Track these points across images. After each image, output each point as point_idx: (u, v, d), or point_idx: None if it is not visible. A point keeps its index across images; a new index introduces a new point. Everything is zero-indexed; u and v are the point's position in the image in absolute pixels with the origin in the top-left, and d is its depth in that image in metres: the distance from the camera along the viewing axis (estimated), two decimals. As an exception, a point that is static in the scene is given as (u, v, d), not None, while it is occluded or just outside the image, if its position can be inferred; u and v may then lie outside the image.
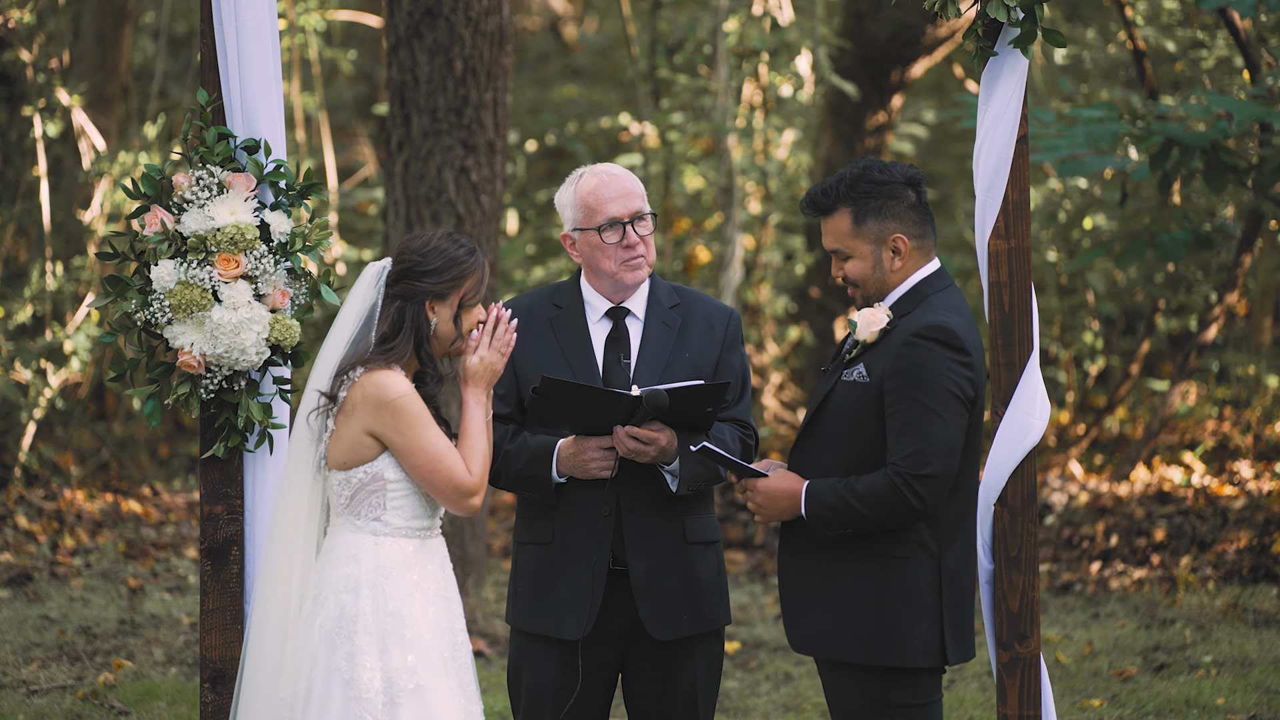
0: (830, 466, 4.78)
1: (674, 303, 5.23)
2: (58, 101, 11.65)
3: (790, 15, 12.55)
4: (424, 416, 4.51)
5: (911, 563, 4.74)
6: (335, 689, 4.44)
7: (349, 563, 4.51)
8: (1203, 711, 7.33)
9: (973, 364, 4.73)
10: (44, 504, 11.20)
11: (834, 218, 4.85)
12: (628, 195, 5.14)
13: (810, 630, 4.82)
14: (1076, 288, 13.44)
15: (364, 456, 4.51)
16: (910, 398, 4.66)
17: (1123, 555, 10.15)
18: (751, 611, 9.66)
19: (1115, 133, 9.09)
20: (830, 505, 4.70)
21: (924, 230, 4.86)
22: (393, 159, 9.09)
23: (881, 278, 4.85)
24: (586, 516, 5.07)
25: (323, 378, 4.58)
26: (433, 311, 4.60)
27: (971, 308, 4.93)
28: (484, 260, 4.66)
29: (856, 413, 4.75)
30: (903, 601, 4.73)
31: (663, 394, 4.92)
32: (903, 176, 4.85)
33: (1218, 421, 12.72)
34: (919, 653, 4.75)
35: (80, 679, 7.93)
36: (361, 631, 4.46)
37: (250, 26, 4.93)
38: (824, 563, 4.80)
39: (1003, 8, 4.86)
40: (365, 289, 4.61)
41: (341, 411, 4.52)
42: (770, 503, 4.82)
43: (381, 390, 4.49)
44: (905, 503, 4.64)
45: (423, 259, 4.59)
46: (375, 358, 4.53)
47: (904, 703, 4.78)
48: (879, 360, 4.74)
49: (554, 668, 5.10)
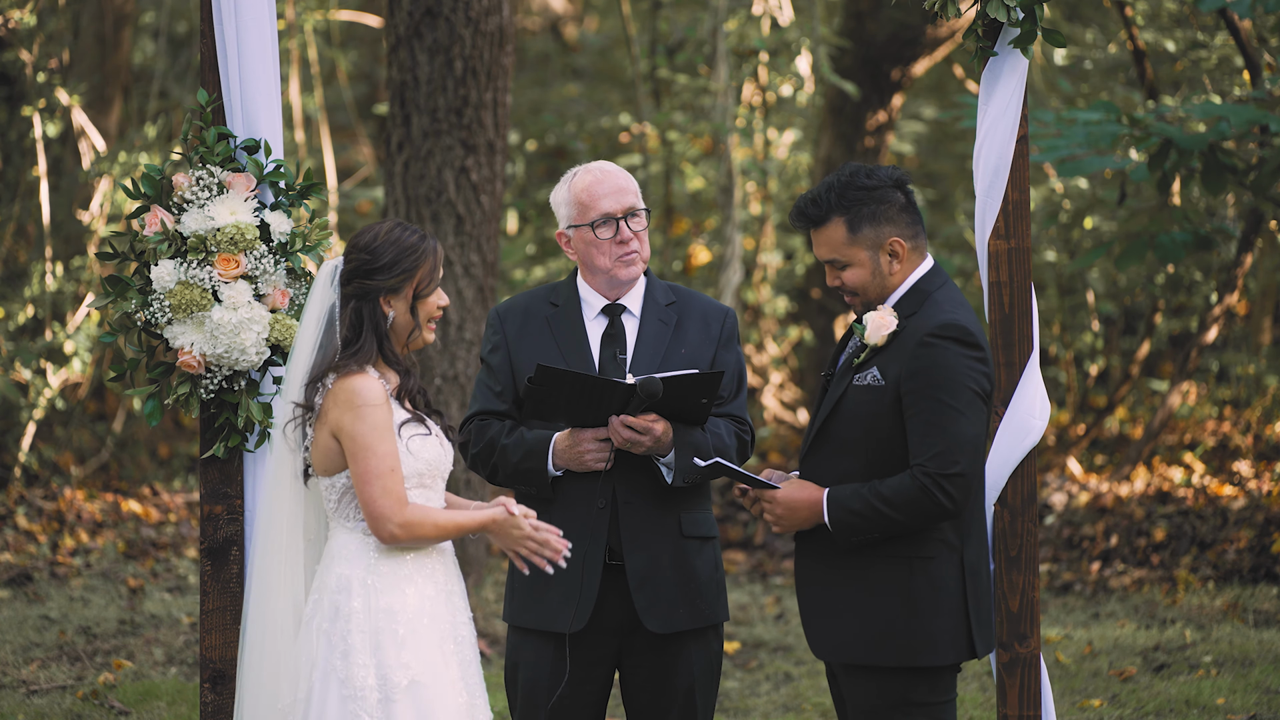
0: (846, 472, 4.76)
1: (670, 300, 5.24)
2: (58, 102, 11.65)
3: (790, 15, 12.55)
4: (381, 429, 4.46)
5: (937, 561, 4.72)
6: (332, 689, 4.45)
7: (342, 563, 4.52)
8: (1203, 711, 7.33)
9: (986, 359, 4.72)
10: (44, 504, 11.20)
11: (827, 228, 4.82)
12: (621, 191, 5.16)
13: (839, 636, 4.79)
14: (1076, 288, 13.44)
15: (339, 463, 4.51)
16: (931, 398, 4.64)
17: (1123, 555, 10.15)
18: (751, 611, 9.66)
19: (1114, 133, 9.09)
20: (856, 511, 4.68)
21: (916, 230, 4.85)
22: (393, 159, 9.10)
23: (881, 283, 4.83)
24: (582, 509, 5.08)
25: (295, 388, 4.55)
26: (388, 305, 4.56)
27: (972, 307, 4.92)
28: (435, 245, 4.61)
29: (872, 416, 4.73)
30: (932, 600, 4.71)
31: (657, 382, 4.92)
32: (890, 179, 4.83)
33: (1218, 421, 12.72)
34: (949, 649, 4.73)
35: (80, 679, 7.93)
36: (355, 630, 4.46)
37: (250, 26, 4.94)
38: (848, 569, 4.77)
39: (1003, 8, 4.87)
40: (321, 290, 4.57)
41: (319, 419, 4.51)
42: (790, 513, 4.79)
43: (351, 395, 4.47)
44: (936, 502, 4.62)
45: (372, 256, 4.53)
46: (345, 362, 4.51)
47: (925, 701, 4.77)
48: (893, 362, 4.72)
49: (549, 663, 5.10)
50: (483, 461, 5.15)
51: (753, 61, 12.71)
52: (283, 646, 4.52)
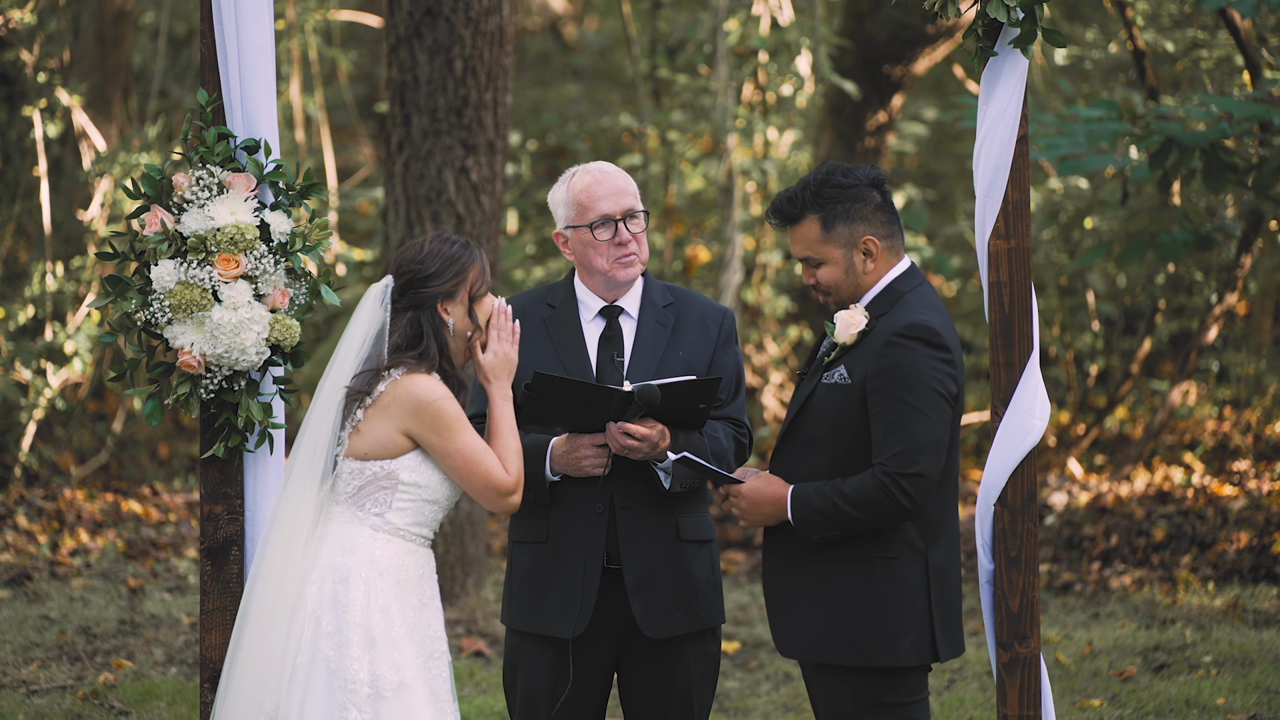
0: (813, 469, 4.78)
1: (668, 301, 5.24)
2: (58, 102, 11.65)
3: (790, 15, 12.55)
4: (461, 419, 4.55)
5: (900, 562, 4.75)
6: (319, 674, 4.46)
7: (344, 552, 4.53)
8: (1203, 711, 7.33)
9: (953, 360, 4.74)
10: (44, 504, 11.20)
11: (801, 226, 4.86)
12: (620, 193, 5.16)
13: (801, 635, 4.82)
14: (1076, 288, 13.44)
15: (389, 453, 4.54)
16: (894, 397, 4.67)
17: (1123, 555, 10.15)
18: (751, 611, 9.66)
19: (1115, 132, 9.09)
20: (818, 509, 4.70)
21: (892, 230, 4.87)
22: (393, 159, 9.10)
23: (855, 281, 4.86)
24: (580, 514, 5.08)
25: (338, 387, 4.59)
26: (446, 312, 4.63)
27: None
28: (479, 251, 4.70)
29: (839, 415, 4.76)
30: (893, 601, 4.73)
31: (655, 389, 4.92)
32: (866, 178, 4.86)
33: (1218, 421, 12.72)
34: (911, 651, 4.76)
35: (80, 679, 7.93)
36: (352, 623, 4.47)
37: (250, 26, 4.94)
38: (812, 566, 4.80)
39: (1003, 8, 4.86)
40: (369, 311, 4.64)
41: (375, 405, 4.55)
42: (755, 508, 4.82)
43: (421, 392, 4.53)
44: (894, 502, 4.64)
45: (421, 265, 4.63)
46: (410, 360, 4.56)
47: (894, 701, 4.79)
48: (860, 361, 4.75)
49: (549, 667, 5.10)
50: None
51: (753, 61, 12.71)
52: (278, 627, 4.53)
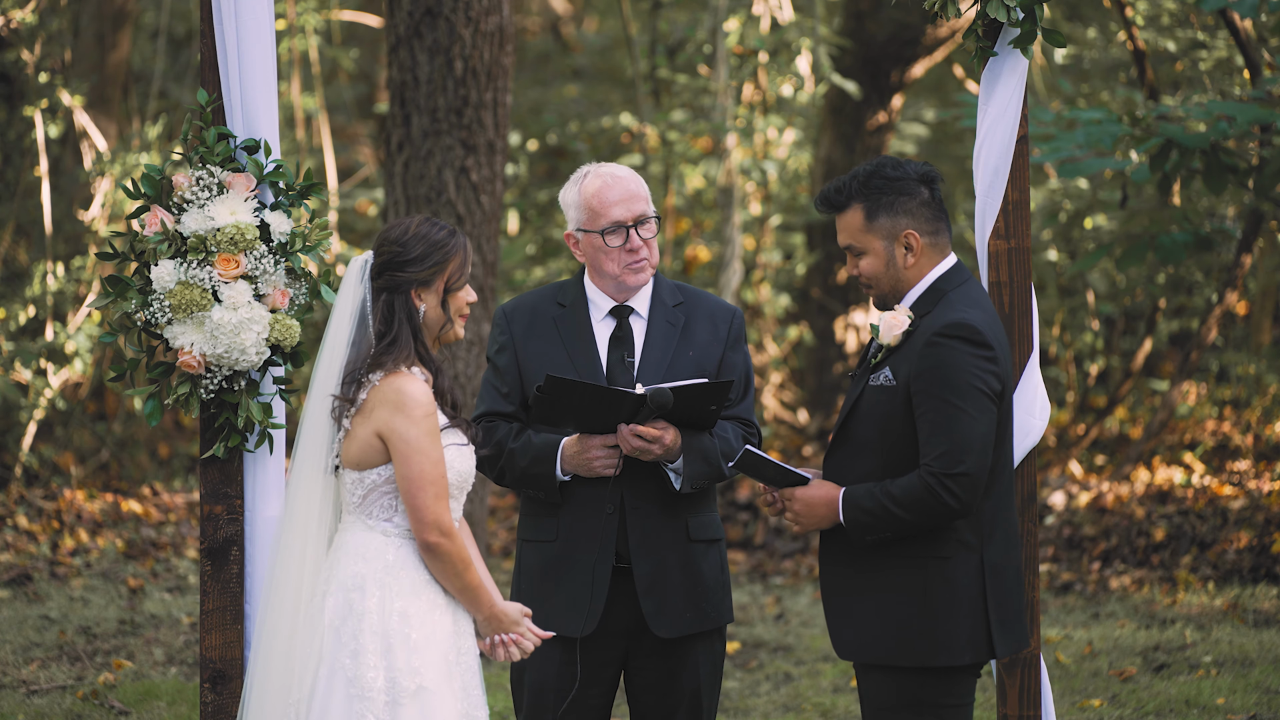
0: (864, 472, 4.77)
1: (677, 301, 5.23)
2: (59, 102, 11.65)
3: (790, 15, 12.55)
4: (433, 434, 4.46)
5: (954, 561, 4.71)
6: (338, 686, 4.43)
7: (358, 560, 4.50)
8: (1203, 711, 7.33)
9: (996, 358, 4.69)
10: (44, 504, 11.20)
11: (847, 214, 4.84)
12: (632, 198, 5.14)
13: (858, 637, 4.79)
14: (1076, 288, 13.44)
15: (375, 460, 4.50)
16: (937, 397, 4.64)
17: (1123, 555, 10.15)
18: (752, 611, 9.66)
19: (1115, 134, 9.09)
20: (868, 510, 4.69)
21: (937, 227, 4.83)
22: (393, 159, 9.10)
23: (895, 275, 4.82)
24: (590, 514, 5.08)
25: (330, 381, 4.55)
26: (419, 299, 4.55)
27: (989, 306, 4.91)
28: (465, 241, 4.60)
29: (886, 416, 4.74)
30: (947, 600, 4.70)
31: (667, 393, 4.92)
32: (916, 173, 4.83)
33: (1218, 421, 12.72)
34: (965, 649, 4.72)
35: (80, 679, 7.93)
36: (367, 630, 4.44)
37: (250, 26, 4.94)
38: (867, 569, 4.77)
39: (1003, 8, 4.87)
40: (352, 285, 4.57)
41: (360, 412, 4.50)
42: (809, 511, 4.80)
43: (402, 397, 4.46)
44: (941, 503, 4.62)
45: (402, 248, 4.53)
46: (385, 360, 4.50)
47: (936, 701, 4.76)
48: (904, 362, 4.72)
49: (557, 666, 5.10)
50: (490, 464, 5.14)
51: (753, 61, 12.71)
52: (299, 641, 4.51)
